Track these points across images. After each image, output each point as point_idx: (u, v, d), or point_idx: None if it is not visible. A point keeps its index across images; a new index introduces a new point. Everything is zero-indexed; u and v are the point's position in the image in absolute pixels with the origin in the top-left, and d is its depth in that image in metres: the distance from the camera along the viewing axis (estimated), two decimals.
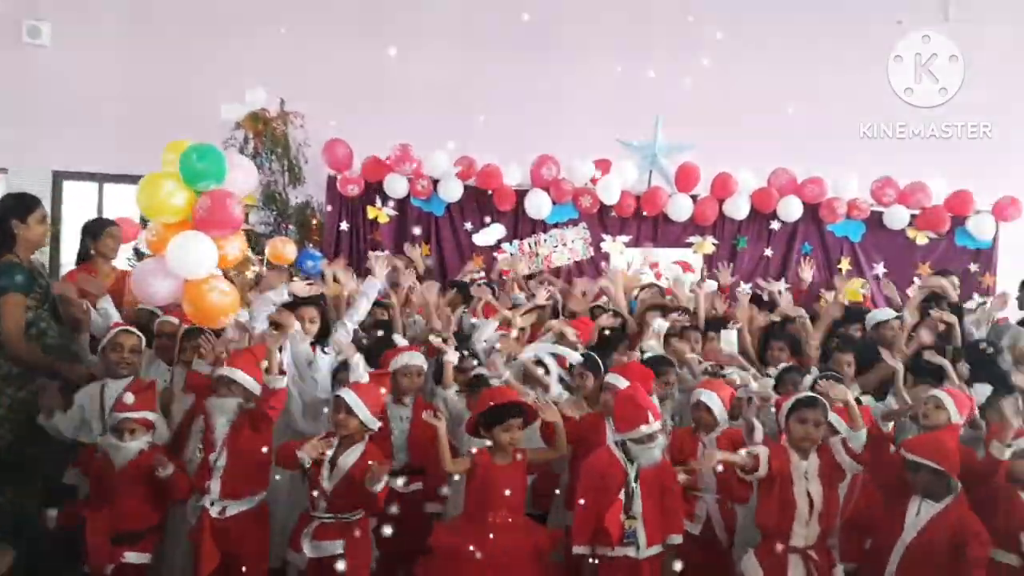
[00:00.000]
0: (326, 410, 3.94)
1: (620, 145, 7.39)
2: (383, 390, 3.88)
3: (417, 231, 7.17)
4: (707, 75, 8.08)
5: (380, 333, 4.76)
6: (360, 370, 3.83)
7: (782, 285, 6.39)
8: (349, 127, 7.23)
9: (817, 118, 7.91)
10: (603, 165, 7.36)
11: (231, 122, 7.16)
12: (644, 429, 3.48)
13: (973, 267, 7.39)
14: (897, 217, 7.33)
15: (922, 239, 7.41)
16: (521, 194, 7.30)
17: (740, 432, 3.96)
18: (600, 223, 7.48)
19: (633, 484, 3.47)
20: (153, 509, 3.66)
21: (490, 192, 7.27)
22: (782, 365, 4.73)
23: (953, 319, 5.29)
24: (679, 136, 7.35)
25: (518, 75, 8.07)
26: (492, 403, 3.56)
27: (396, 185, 7.15)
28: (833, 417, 3.66)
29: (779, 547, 3.37)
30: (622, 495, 3.45)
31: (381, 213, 7.24)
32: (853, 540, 3.65)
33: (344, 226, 7.25)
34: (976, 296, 7.14)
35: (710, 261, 7.42)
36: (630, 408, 3.55)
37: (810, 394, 3.59)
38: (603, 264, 7.30)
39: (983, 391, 4.13)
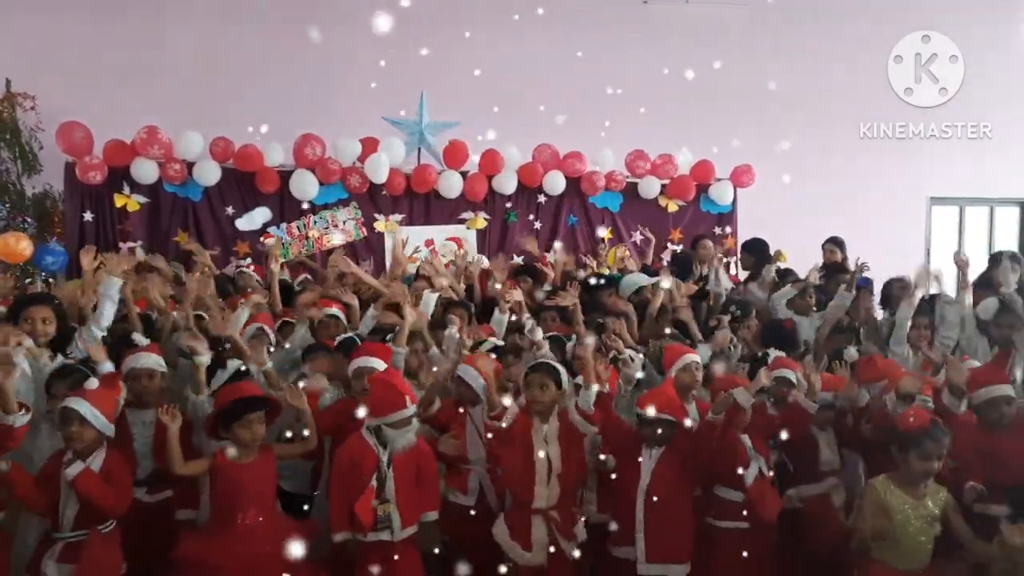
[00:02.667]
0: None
1: (387, 123, 7.33)
2: (120, 394, 3.62)
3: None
4: (471, 51, 8.21)
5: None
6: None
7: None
8: (88, 109, 6.67)
9: (576, 93, 8.26)
10: (370, 143, 7.27)
11: None
12: (401, 413, 3.47)
13: (717, 230, 8.03)
14: (650, 187, 7.81)
15: (673, 207, 7.96)
16: (285, 175, 7.06)
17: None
18: (371, 202, 7.40)
19: (386, 470, 3.47)
20: None
21: (252, 174, 6.97)
22: (550, 334, 4.92)
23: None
24: (445, 113, 7.39)
25: (277, 52, 7.78)
26: (229, 399, 3.43)
27: (144, 170, 6.68)
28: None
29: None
30: (374, 481, 3.44)
31: (130, 201, 6.75)
32: (602, 494, 3.89)
33: (88, 216, 6.69)
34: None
35: (483, 236, 7.60)
36: (386, 392, 3.52)
37: (541, 360, 3.75)
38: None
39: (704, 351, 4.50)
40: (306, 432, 3.63)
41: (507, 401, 3.65)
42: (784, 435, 3.72)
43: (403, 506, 3.50)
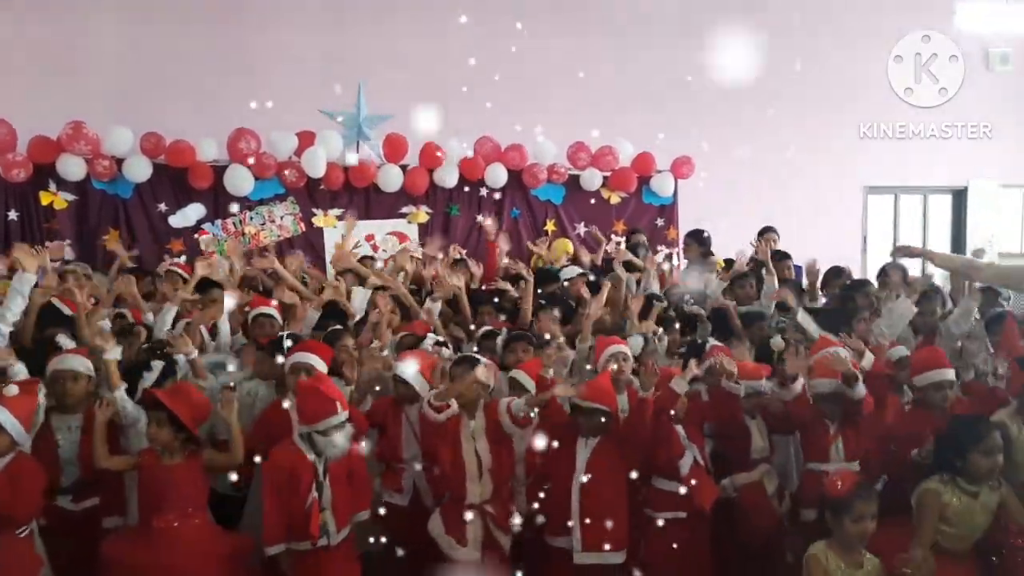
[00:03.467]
0: None
1: (323, 116, 7.21)
2: (38, 401, 3.48)
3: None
4: (410, 43, 8.13)
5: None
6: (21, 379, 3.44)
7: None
8: (10, 104, 6.44)
9: (517, 85, 8.23)
10: (307, 137, 7.14)
11: None
12: (331, 420, 3.38)
13: (659, 221, 8.08)
14: (591, 179, 7.81)
15: (615, 199, 7.98)
16: (219, 170, 6.91)
17: None
18: (309, 197, 7.28)
19: (322, 479, 3.39)
20: None
21: (184, 170, 6.80)
22: (485, 328, 4.89)
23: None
24: (383, 106, 7.30)
25: (208, 45, 7.61)
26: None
27: (71, 167, 6.48)
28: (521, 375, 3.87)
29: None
30: (315, 491, 3.35)
31: (57, 198, 6.54)
32: (536, 487, 3.86)
33: (13, 215, 6.46)
34: (663, 248, 7.87)
35: (424, 230, 7.53)
36: (315, 399, 3.42)
37: (468, 355, 3.73)
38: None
39: (636, 342, 4.50)
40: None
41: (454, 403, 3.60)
42: (717, 423, 3.75)
43: (338, 510, 3.42)
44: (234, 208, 6.95)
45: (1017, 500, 3.38)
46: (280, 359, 3.86)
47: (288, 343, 3.99)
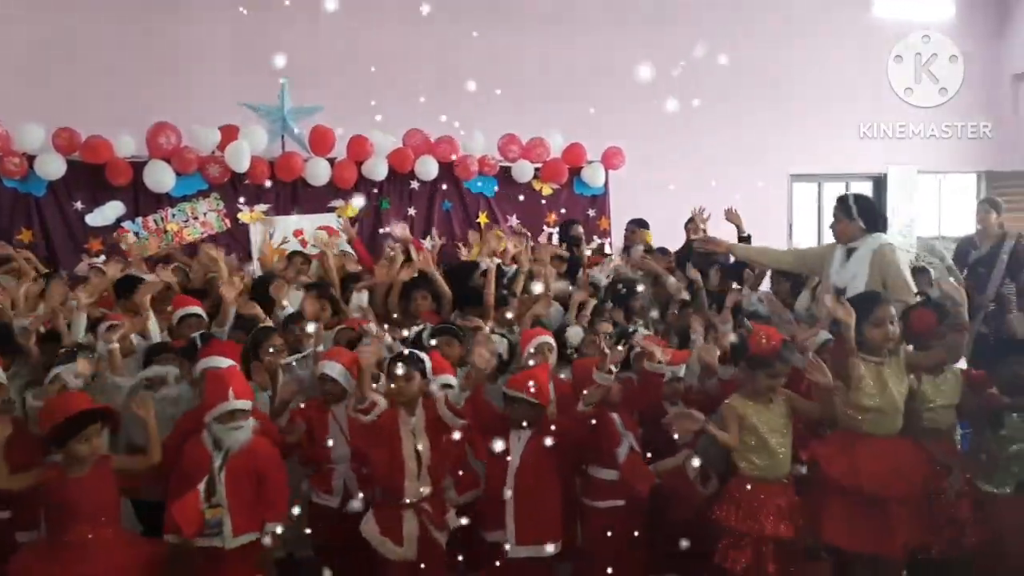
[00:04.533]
0: None
1: (246, 109, 7.03)
2: None
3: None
4: (336, 35, 7.98)
5: None
6: None
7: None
8: None
9: (447, 77, 8.16)
10: (229, 131, 6.95)
11: None
12: (224, 406, 3.32)
13: (591, 212, 8.12)
14: (523, 171, 7.80)
15: (547, 190, 7.98)
16: (138, 167, 6.68)
17: None
18: (234, 193, 7.09)
19: (217, 472, 3.30)
20: None
21: (101, 166, 6.55)
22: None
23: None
24: (308, 98, 7.15)
25: (124, 36, 7.34)
26: (64, 415, 3.16)
27: None
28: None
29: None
30: (202, 484, 3.26)
31: None
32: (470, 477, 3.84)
33: None
34: (595, 238, 7.90)
35: (355, 225, 7.39)
36: (214, 386, 3.39)
37: (405, 350, 3.67)
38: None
39: (575, 333, 4.52)
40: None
41: (380, 400, 3.54)
42: (645, 410, 3.79)
43: (236, 512, 3.32)
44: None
45: (800, 399, 3.70)
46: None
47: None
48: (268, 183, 7.01)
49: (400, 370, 3.50)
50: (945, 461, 3.75)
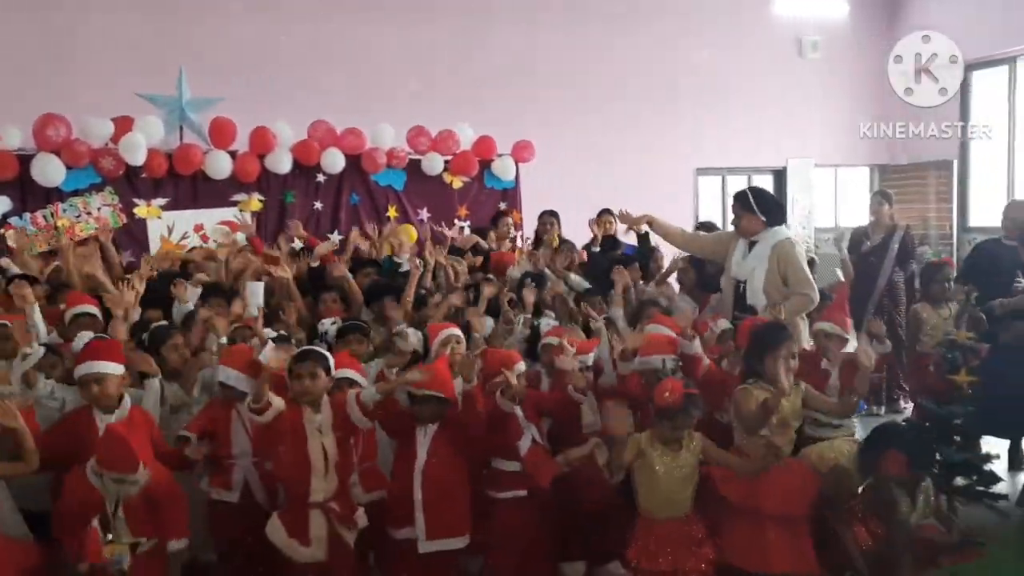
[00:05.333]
0: None
1: (142, 100, 6.75)
2: None
3: None
4: (237, 23, 7.76)
5: None
6: None
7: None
8: None
9: (352, 67, 8.05)
10: (124, 123, 6.65)
11: None
12: (127, 478, 3.13)
13: (502, 205, 8.11)
14: (433, 164, 7.73)
15: (457, 183, 7.92)
16: (25, 160, 6.32)
17: None
18: (130, 187, 6.78)
19: (111, 514, 3.14)
20: None
21: None
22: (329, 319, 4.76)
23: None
24: (207, 89, 6.92)
25: (10, 24, 6.95)
26: None
27: None
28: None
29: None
30: (95, 522, 3.10)
31: None
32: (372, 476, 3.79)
33: None
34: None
35: (259, 219, 7.21)
36: (117, 450, 3.12)
37: (308, 348, 3.60)
38: None
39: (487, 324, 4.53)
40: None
41: (276, 400, 3.44)
42: (553, 402, 3.82)
43: (137, 534, 3.19)
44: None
45: (817, 393, 3.85)
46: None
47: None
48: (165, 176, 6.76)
49: (304, 368, 3.41)
50: None
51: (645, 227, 6.00)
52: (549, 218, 7.18)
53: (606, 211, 7.02)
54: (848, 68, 10.77)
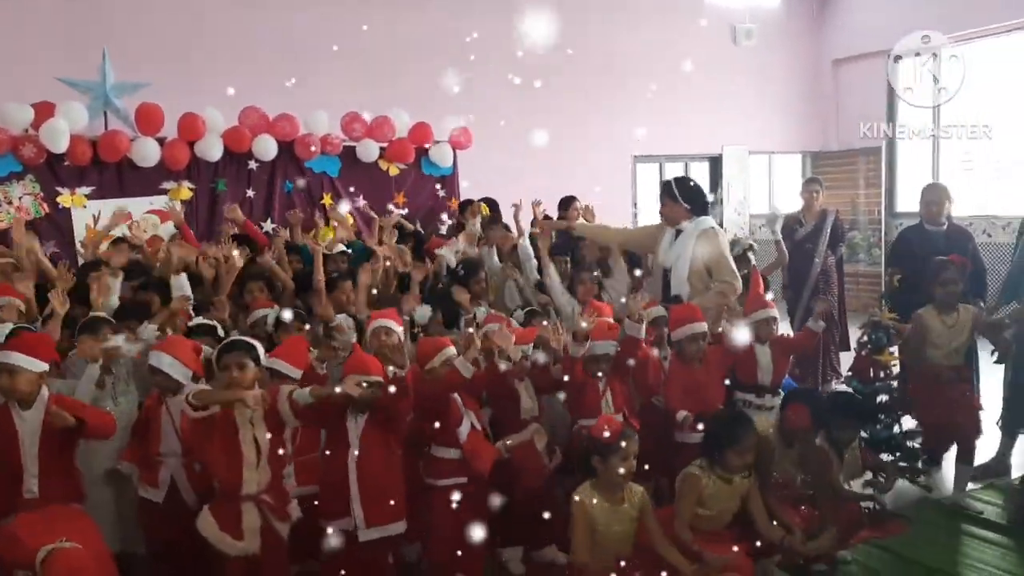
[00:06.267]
0: None
1: (64, 85, 6.50)
2: None
3: None
4: (162, 5, 7.53)
5: None
6: None
7: None
8: None
9: (286, 53, 7.90)
10: (45, 108, 6.40)
11: None
12: None
13: (441, 193, 8.06)
14: (368, 151, 7.63)
15: (394, 170, 7.84)
16: None
17: None
18: (52, 175, 6.54)
19: None
20: None
21: None
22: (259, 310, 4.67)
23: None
24: (132, 73, 6.70)
25: None
26: None
27: None
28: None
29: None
30: None
31: None
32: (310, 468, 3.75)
33: None
34: (445, 217, 7.86)
35: (189, 207, 7.03)
36: None
37: (237, 338, 3.53)
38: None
39: (423, 312, 4.50)
40: None
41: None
42: (491, 389, 3.81)
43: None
44: None
45: (758, 493, 3.77)
46: None
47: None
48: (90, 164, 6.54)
49: (231, 358, 3.34)
50: None
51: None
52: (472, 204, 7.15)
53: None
54: (781, 56, 10.96)
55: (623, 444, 3.37)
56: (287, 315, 4.19)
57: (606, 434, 3.37)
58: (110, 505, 3.86)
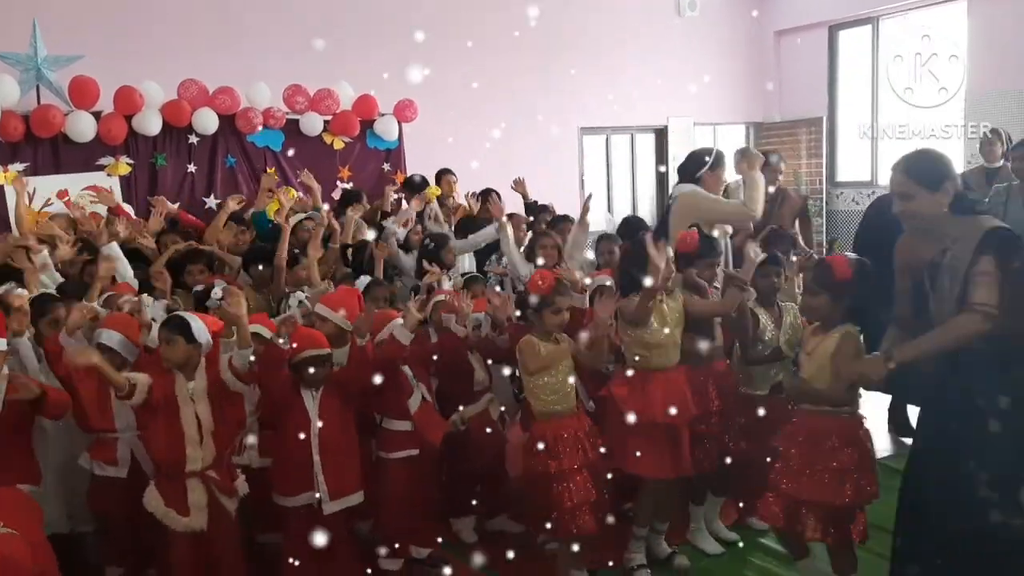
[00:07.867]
0: None
1: None
2: None
3: None
4: None
5: None
6: None
7: None
8: None
9: (227, 25, 7.72)
10: None
11: None
12: None
13: (386, 166, 8.00)
14: (312, 124, 7.52)
15: (339, 144, 7.74)
16: None
17: None
18: None
19: None
20: None
21: None
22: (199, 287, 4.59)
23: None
24: (65, 46, 6.49)
25: None
26: None
27: None
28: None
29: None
30: None
31: None
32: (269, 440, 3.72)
33: None
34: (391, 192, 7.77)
35: (128, 183, 6.87)
36: None
37: (173, 314, 3.49)
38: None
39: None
40: None
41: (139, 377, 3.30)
42: (443, 361, 3.83)
43: None
44: None
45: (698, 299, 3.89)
46: None
47: None
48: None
49: (162, 333, 3.33)
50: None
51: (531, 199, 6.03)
52: (449, 176, 7.12)
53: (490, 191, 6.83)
54: (725, 27, 11.04)
55: (555, 297, 3.56)
56: (217, 291, 4.10)
57: (541, 286, 3.53)
58: (56, 486, 3.78)
